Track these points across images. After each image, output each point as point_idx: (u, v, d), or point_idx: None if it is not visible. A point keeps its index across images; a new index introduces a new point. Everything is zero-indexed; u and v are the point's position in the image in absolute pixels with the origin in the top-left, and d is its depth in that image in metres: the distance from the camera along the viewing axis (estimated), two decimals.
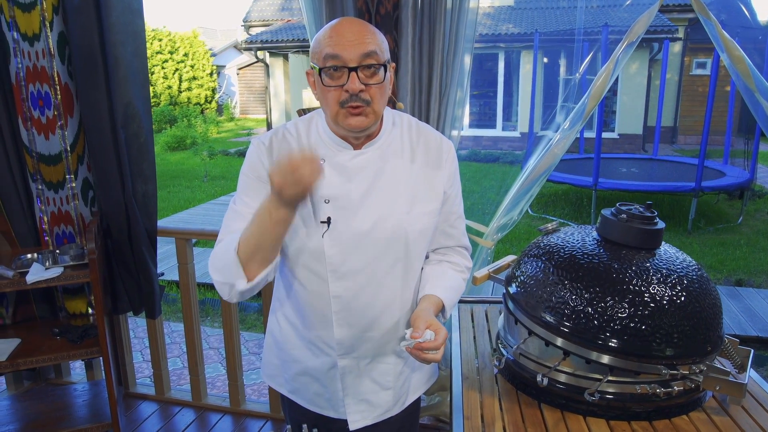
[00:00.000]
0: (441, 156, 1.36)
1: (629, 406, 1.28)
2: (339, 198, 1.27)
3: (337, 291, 1.31)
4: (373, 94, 1.20)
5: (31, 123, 2.47)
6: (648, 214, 1.38)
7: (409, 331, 1.20)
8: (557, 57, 12.93)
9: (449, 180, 1.38)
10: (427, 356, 1.18)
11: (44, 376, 3.02)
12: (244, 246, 1.17)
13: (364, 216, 1.28)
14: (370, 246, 1.29)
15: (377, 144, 1.31)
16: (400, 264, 1.32)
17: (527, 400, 1.37)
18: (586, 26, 7.70)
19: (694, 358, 1.26)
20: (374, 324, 1.34)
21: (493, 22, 13.28)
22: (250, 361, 3.55)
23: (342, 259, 1.29)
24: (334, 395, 1.43)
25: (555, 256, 1.38)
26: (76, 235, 2.66)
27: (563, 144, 2.42)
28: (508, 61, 13.65)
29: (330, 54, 1.18)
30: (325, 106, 1.24)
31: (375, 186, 1.29)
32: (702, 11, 2.12)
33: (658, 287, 1.27)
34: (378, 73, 1.20)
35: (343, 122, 1.22)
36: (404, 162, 1.33)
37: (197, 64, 19.79)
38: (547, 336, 1.32)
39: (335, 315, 1.33)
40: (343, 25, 1.20)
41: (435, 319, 1.25)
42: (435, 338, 1.19)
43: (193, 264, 2.76)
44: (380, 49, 1.20)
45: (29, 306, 2.72)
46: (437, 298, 1.34)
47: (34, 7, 2.36)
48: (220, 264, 1.23)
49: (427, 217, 1.33)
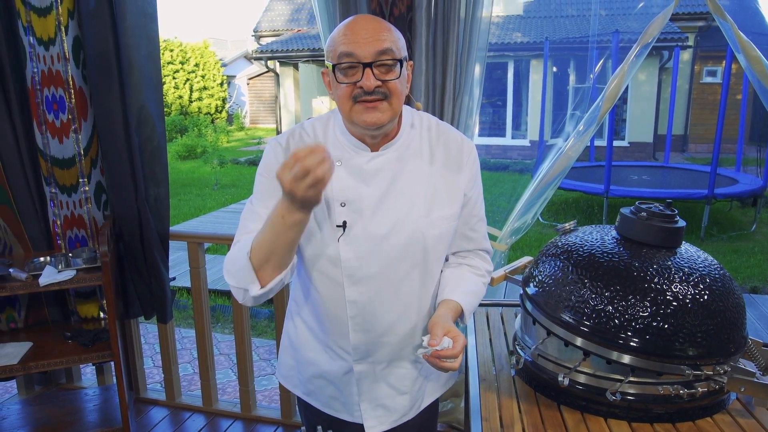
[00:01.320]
0: (462, 157, 1.33)
1: (651, 408, 1.25)
2: (355, 201, 1.25)
3: (353, 296, 1.28)
4: (390, 87, 1.17)
5: (46, 127, 2.49)
6: (668, 212, 1.36)
7: (427, 338, 1.18)
8: (566, 65, 12.92)
9: (470, 182, 1.34)
10: (445, 364, 1.16)
11: (55, 380, 3.02)
12: (257, 251, 1.14)
13: (381, 220, 1.25)
14: (386, 250, 1.26)
15: (395, 145, 1.28)
16: (418, 269, 1.30)
17: (546, 401, 1.35)
18: (596, 34, 7.67)
19: (718, 359, 1.23)
20: (391, 329, 1.32)
21: (503, 31, 13.30)
22: (261, 367, 3.53)
23: (358, 264, 1.26)
24: (349, 399, 1.41)
25: (574, 255, 1.36)
26: (88, 239, 2.66)
27: (577, 147, 2.40)
28: (517, 69, 13.65)
29: (344, 52, 1.15)
30: (339, 104, 1.21)
31: (392, 189, 1.26)
32: (718, 12, 2.11)
33: (681, 286, 1.24)
34: (394, 69, 1.17)
35: (358, 119, 1.18)
36: (423, 164, 1.29)
37: (208, 74, 19.95)
38: (567, 336, 1.29)
39: (351, 320, 1.30)
40: (357, 22, 1.18)
41: (453, 326, 1.22)
42: (453, 346, 1.16)
43: (204, 268, 2.76)
44: (396, 46, 1.17)
45: (41, 310, 2.72)
46: (456, 303, 1.31)
47: (49, 12, 2.38)
48: (233, 268, 1.21)
49: (446, 221, 1.30)
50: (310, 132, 1.32)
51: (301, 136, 1.32)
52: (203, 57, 19.93)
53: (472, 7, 2.12)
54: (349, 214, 1.24)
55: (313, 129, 1.33)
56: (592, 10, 12.76)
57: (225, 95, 20.77)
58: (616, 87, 2.29)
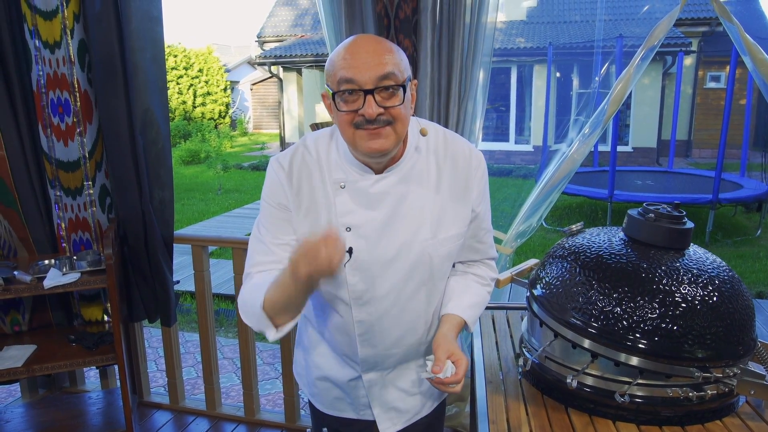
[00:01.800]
0: (469, 173, 1.28)
1: (660, 410, 1.24)
2: (361, 226, 1.22)
3: (360, 316, 1.28)
4: (394, 114, 1.12)
5: (51, 130, 2.49)
6: (676, 213, 1.35)
7: (431, 364, 1.19)
8: (570, 71, 12.93)
9: (478, 198, 1.31)
10: (449, 390, 1.17)
11: (59, 384, 3.01)
12: (270, 305, 1.13)
13: (388, 244, 1.23)
14: (393, 273, 1.25)
15: (400, 167, 1.23)
16: (425, 287, 1.29)
17: (554, 404, 1.33)
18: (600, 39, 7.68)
19: (727, 361, 1.22)
20: (398, 342, 1.33)
21: (506, 36, 13.32)
22: (265, 371, 3.52)
23: (365, 287, 1.25)
24: (355, 400, 1.42)
25: (581, 257, 1.35)
26: (93, 242, 2.66)
27: (583, 150, 2.39)
28: (520, 75, 13.65)
29: (344, 77, 1.10)
30: (342, 130, 1.16)
31: (398, 212, 1.23)
32: (724, 14, 2.10)
33: (690, 287, 1.23)
34: (397, 94, 1.12)
35: (361, 146, 1.14)
36: (429, 186, 1.25)
37: (211, 79, 20.01)
38: (575, 338, 1.28)
39: (359, 337, 1.31)
40: (358, 44, 1.12)
41: (456, 347, 1.22)
42: (456, 371, 1.17)
43: (209, 272, 2.75)
44: (399, 68, 1.12)
45: (45, 313, 2.72)
46: (459, 318, 1.30)
47: (55, 15, 2.39)
48: (249, 312, 1.20)
49: (453, 240, 1.28)
50: (313, 153, 1.27)
51: (304, 157, 1.26)
52: (207, 62, 19.99)
53: (477, 12, 2.12)
54: (355, 240, 1.23)
55: (316, 148, 1.27)
56: (597, 16, 12.77)
57: (228, 101, 20.82)
58: (621, 90, 2.28)
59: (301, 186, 1.24)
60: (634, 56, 2.24)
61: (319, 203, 1.24)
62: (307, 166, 1.25)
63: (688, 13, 12.75)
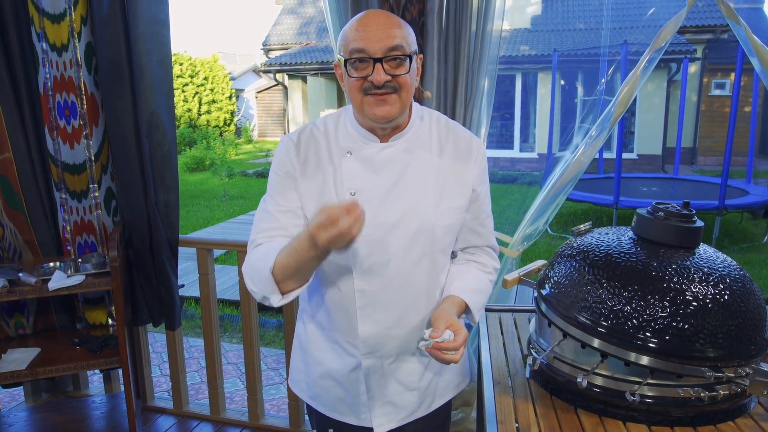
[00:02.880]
0: (471, 152, 1.35)
1: (671, 411, 1.22)
2: (365, 190, 1.27)
3: (362, 285, 1.29)
4: (400, 81, 1.20)
5: (57, 132, 2.50)
6: (686, 212, 1.34)
7: (428, 331, 1.19)
8: (575, 78, 12.92)
9: (479, 177, 1.37)
10: (446, 356, 1.16)
11: (62, 388, 3.00)
12: (280, 269, 1.17)
13: (390, 209, 1.27)
14: (396, 239, 1.27)
15: (405, 137, 1.31)
16: (427, 259, 1.30)
17: (563, 405, 1.32)
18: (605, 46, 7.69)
19: (739, 361, 1.20)
20: (399, 321, 1.32)
21: (510, 44, 13.34)
22: (269, 376, 3.51)
23: (367, 252, 1.27)
24: (356, 399, 1.40)
25: (590, 255, 1.34)
26: (98, 245, 2.66)
27: (589, 153, 2.38)
28: (525, 82, 13.67)
29: (356, 47, 1.19)
30: (351, 96, 1.24)
31: (402, 179, 1.28)
32: (731, 16, 2.09)
33: (700, 286, 1.21)
34: (404, 64, 1.21)
35: (368, 112, 1.22)
36: (432, 156, 1.32)
37: (217, 87, 20.10)
38: (584, 337, 1.27)
39: (359, 311, 1.30)
40: (369, 17, 1.21)
41: (456, 319, 1.23)
42: (454, 338, 1.16)
43: (213, 275, 2.75)
44: (406, 42, 1.21)
45: (50, 316, 2.71)
46: (461, 299, 1.31)
47: (63, 19, 2.40)
48: (256, 277, 1.23)
49: (454, 212, 1.32)
50: (321, 128, 1.34)
51: (312, 132, 1.34)
52: (212, 71, 20.09)
53: (483, 19, 2.13)
54: (360, 204, 1.24)
55: (324, 125, 1.35)
56: (603, 24, 12.78)
57: (234, 108, 20.90)
58: (628, 92, 2.27)
59: (308, 155, 1.31)
60: (641, 58, 2.23)
61: (325, 169, 1.29)
62: (314, 138, 1.33)
63: (692, 21, 12.76)
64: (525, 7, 14.59)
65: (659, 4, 13.27)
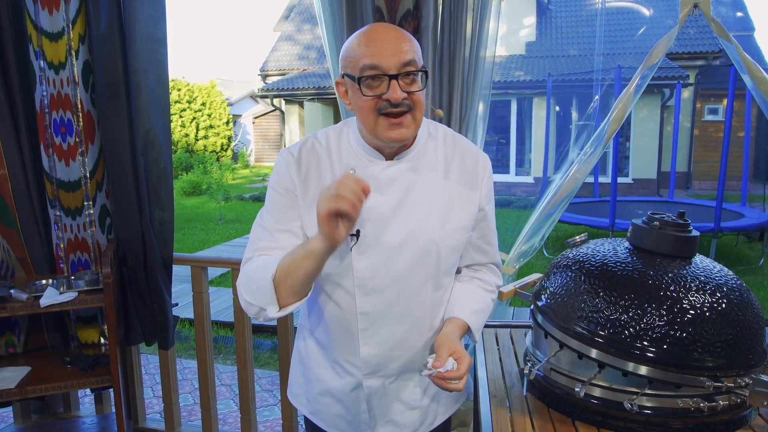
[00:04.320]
0: (477, 173, 1.31)
1: (670, 422, 1.20)
2: (369, 210, 1.22)
3: (365, 307, 1.25)
4: (415, 100, 1.16)
5: (53, 149, 2.50)
6: (681, 221, 1.33)
7: (431, 360, 1.16)
8: (569, 104, 13.07)
9: (486, 196, 1.33)
10: (450, 386, 1.14)
11: (52, 410, 2.95)
12: (282, 274, 1.12)
13: (395, 229, 1.23)
14: (400, 261, 1.23)
15: (410, 155, 1.26)
16: (431, 281, 1.27)
17: (560, 417, 1.29)
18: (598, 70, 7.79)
19: (738, 370, 1.19)
20: (402, 343, 1.29)
21: (505, 69, 13.51)
22: (263, 398, 3.45)
23: (371, 274, 1.23)
24: (356, 417, 1.36)
25: (586, 265, 1.33)
26: (91, 263, 2.64)
27: (584, 170, 2.38)
28: (520, 107, 13.81)
29: (368, 64, 1.12)
30: (362, 117, 1.18)
31: (407, 199, 1.24)
32: (722, 34, 2.12)
33: (698, 294, 1.21)
34: (417, 80, 1.15)
35: (383, 135, 1.17)
36: (438, 177, 1.28)
37: (214, 113, 20.22)
38: (581, 348, 1.25)
39: (362, 333, 1.27)
40: (378, 31, 1.15)
41: (459, 346, 1.20)
42: (458, 367, 1.14)
43: (208, 293, 2.72)
44: (417, 56, 1.16)
45: (41, 334, 2.68)
46: (463, 321, 1.29)
47: (61, 37, 2.42)
48: (253, 286, 1.18)
49: (460, 232, 1.28)
50: (322, 141, 1.30)
51: (314, 146, 1.29)
52: (210, 96, 20.24)
53: (477, 45, 2.16)
54: (363, 223, 1.22)
55: (326, 138, 1.30)
56: (596, 50, 12.96)
57: (231, 134, 21.00)
58: (621, 110, 2.29)
59: (309, 172, 1.26)
60: (634, 75, 2.26)
61: None
62: (316, 153, 1.28)
63: (684, 48, 12.98)
64: (520, 34, 14.81)
65: (651, 26, 13.51)
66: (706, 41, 13.06)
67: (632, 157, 13.24)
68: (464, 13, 2.13)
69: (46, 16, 2.39)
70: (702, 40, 13.12)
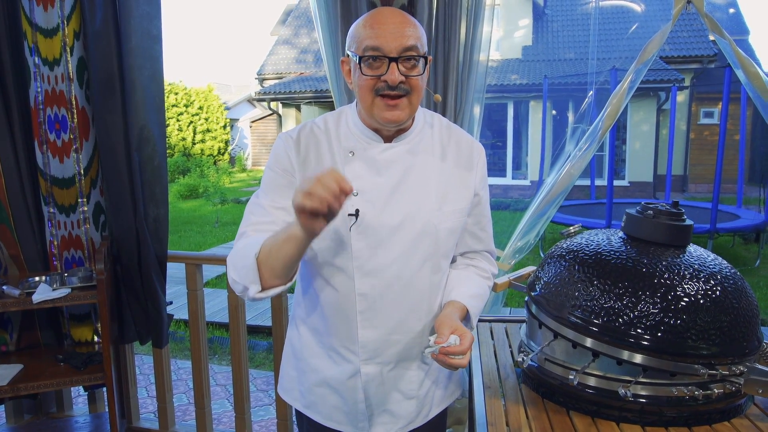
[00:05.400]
0: (472, 158, 1.34)
1: (665, 411, 1.19)
2: (368, 191, 1.24)
3: (363, 288, 1.25)
4: (413, 84, 1.18)
5: (47, 146, 2.49)
6: (675, 210, 1.33)
7: (433, 338, 1.16)
8: (566, 107, 13.10)
9: (481, 182, 1.36)
10: (453, 361, 1.13)
11: (45, 409, 2.92)
12: (265, 254, 1.11)
13: (394, 210, 1.24)
14: (398, 241, 1.24)
15: (409, 137, 1.28)
16: (429, 263, 1.28)
17: (555, 407, 1.29)
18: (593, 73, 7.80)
19: (732, 358, 1.18)
20: (400, 326, 1.28)
21: (502, 73, 13.54)
22: (258, 397, 3.43)
23: (369, 254, 1.24)
24: (353, 407, 1.35)
25: (580, 254, 1.33)
26: (85, 260, 2.63)
27: (579, 165, 2.38)
28: (517, 111, 13.84)
29: (370, 45, 1.16)
30: (361, 95, 1.21)
31: (405, 180, 1.26)
32: (715, 29, 2.13)
33: (692, 282, 1.20)
34: (417, 66, 1.18)
35: (378, 115, 1.19)
36: (435, 160, 1.30)
37: (211, 117, 20.20)
38: (575, 337, 1.24)
39: (360, 315, 1.27)
40: (383, 14, 1.18)
41: (460, 324, 1.20)
42: (461, 342, 1.13)
43: (202, 291, 2.71)
44: (420, 42, 1.18)
45: (34, 333, 2.66)
46: (462, 304, 1.29)
47: (56, 33, 2.41)
48: (239, 263, 1.17)
49: (457, 215, 1.30)
50: (321, 125, 1.31)
51: (312, 130, 1.30)
52: (207, 100, 20.23)
53: (470, 50, 2.18)
54: (362, 204, 1.23)
55: (324, 122, 1.32)
56: (590, 54, 13.01)
57: (228, 138, 20.98)
58: (616, 105, 2.30)
59: (308, 154, 1.27)
60: (628, 71, 2.26)
61: None
62: (315, 136, 1.29)
63: (679, 51, 13.03)
64: (516, 38, 14.86)
65: (645, 25, 13.55)
66: (701, 45, 13.12)
67: (628, 160, 13.28)
68: (458, 17, 2.14)
69: (41, 13, 2.39)
70: (697, 43, 13.18)
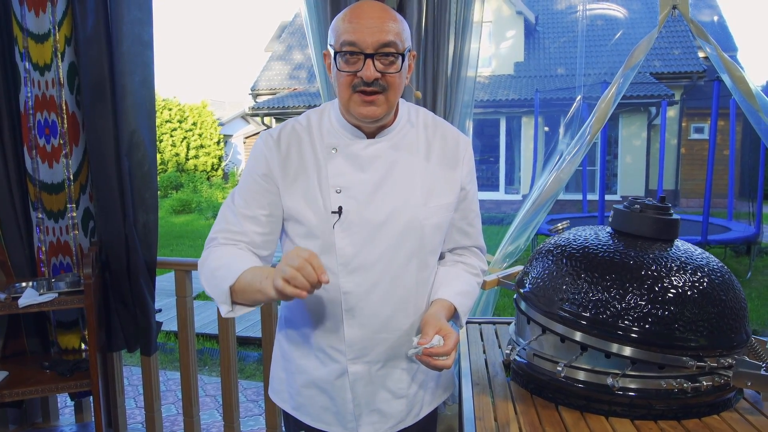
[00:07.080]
0: (458, 153, 1.32)
1: (654, 404, 1.18)
2: (351, 188, 1.22)
3: (348, 287, 1.24)
4: (389, 81, 1.16)
5: (36, 151, 2.48)
6: (662, 204, 1.34)
7: (417, 338, 1.14)
8: (557, 123, 13.20)
9: (468, 176, 1.34)
10: (437, 362, 1.12)
11: (31, 420, 2.88)
12: (240, 291, 1.14)
13: (378, 207, 1.22)
14: (383, 238, 1.22)
15: (391, 133, 1.27)
16: (415, 259, 1.26)
17: (543, 402, 1.28)
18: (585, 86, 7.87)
19: (721, 351, 1.18)
20: (387, 325, 1.27)
21: (494, 89, 13.66)
22: (248, 407, 3.39)
23: (354, 252, 1.22)
24: (342, 408, 1.33)
25: (568, 249, 1.33)
26: (74, 267, 2.61)
27: (568, 170, 2.40)
28: (509, 126, 13.94)
29: (347, 40, 1.13)
30: (339, 91, 1.20)
31: (389, 176, 1.24)
32: (701, 35, 2.16)
33: (679, 274, 1.20)
34: (395, 63, 1.15)
35: (354, 110, 1.18)
36: (420, 155, 1.28)
37: (205, 132, 20.22)
38: (564, 331, 1.24)
39: (345, 314, 1.25)
40: (363, 8, 1.16)
41: (445, 324, 1.19)
42: (444, 343, 1.12)
43: (191, 297, 2.68)
44: (400, 38, 1.15)
45: (20, 340, 2.63)
46: (449, 302, 1.28)
47: (47, 39, 2.42)
48: (213, 282, 1.19)
49: (443, 210, 1.28)
50: (303, 122, 1.30)
51: (294, 128, 1.29)
52: (201, 116, 20.26)
53: (458, 65, 2.21)
54: (345, 200, 1.22)
55: (307, 119, 1.31)
56: (577, 70, 13.15)
57: (221, 153, 20.99)
58: (604, 110, 2.32)
59: (289, 152, 1.26)
60: (616, 76, 2.29)
61: (308, 167, 1.25)
62: (296, 133, 1.28)
63: (669, 68, 13.20)
64: (508, 54, 15.01)
65: (632, 34, 13.71)
66: (690, 61, 13.30)
67: (620, 175, 13.37)
68: (446, 34, 2.18)
69: (32, 18, 2.39)
70: (686, 59, 13.36)
